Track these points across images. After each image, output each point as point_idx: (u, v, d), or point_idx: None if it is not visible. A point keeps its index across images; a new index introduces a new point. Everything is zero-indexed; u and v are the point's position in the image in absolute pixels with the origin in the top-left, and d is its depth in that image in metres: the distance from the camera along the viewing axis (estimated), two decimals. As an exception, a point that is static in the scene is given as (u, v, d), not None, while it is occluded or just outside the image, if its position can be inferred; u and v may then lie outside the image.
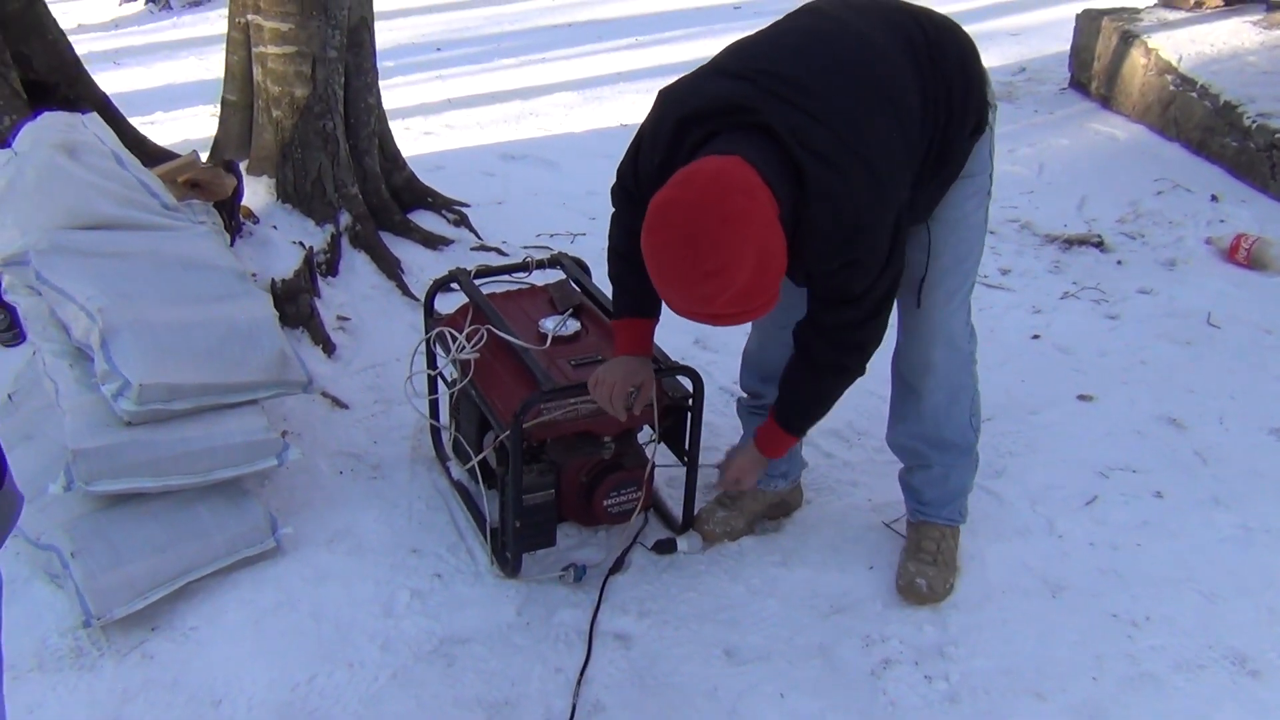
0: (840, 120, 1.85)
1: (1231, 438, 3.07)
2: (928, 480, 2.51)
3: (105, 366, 2.31)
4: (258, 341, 2.54)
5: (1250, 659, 2.31)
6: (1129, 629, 2.39)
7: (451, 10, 8.15)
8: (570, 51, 6.93)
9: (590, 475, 2.47)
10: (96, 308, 2.35)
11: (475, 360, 2.48)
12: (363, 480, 2.77)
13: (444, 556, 2.53)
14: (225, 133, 3.79)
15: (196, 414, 2.41)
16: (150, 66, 6.63)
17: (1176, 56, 5.30)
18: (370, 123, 3.78)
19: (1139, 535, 2.68)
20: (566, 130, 5.49)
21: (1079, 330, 3.64)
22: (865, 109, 1.89)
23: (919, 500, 2.54)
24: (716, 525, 2.62)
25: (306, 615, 2.35)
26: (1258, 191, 4.63)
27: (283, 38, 3.42)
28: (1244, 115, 4.76)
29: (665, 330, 2.36)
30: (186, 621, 2.32)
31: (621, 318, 2.30)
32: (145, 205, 2.68)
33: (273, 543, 2.47)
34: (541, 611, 2.39)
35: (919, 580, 2.43)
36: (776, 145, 1.81)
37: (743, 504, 2.65)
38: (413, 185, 4.13)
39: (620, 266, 2.24)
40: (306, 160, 3.53)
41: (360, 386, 3.15)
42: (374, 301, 3.55)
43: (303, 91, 3.48)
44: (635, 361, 2.28)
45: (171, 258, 2.59)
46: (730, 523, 2.63)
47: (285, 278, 3.14)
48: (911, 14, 2.07)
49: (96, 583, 2.24)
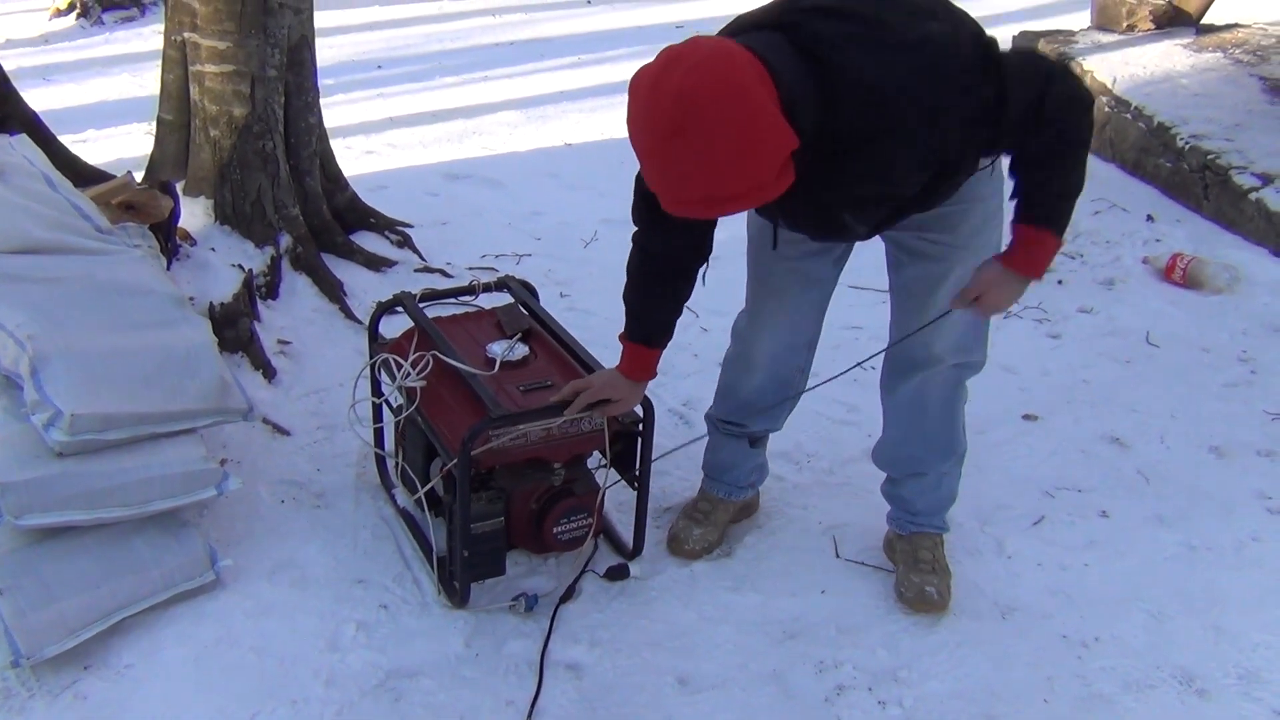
0: (876, 23, 1.77)
1: (1173, 456, 3.12)
2: (920, 489, 2.52)
3: (35, 396, 2.22)
4: (195, 369, 2.47)
5: (1197, 678, 2.34)
6: (1079, 650, 2.40)
7: (393, 28, 8.07)
8: (513, 70, 6.89)
9: (540, 502, 2.43)
10: (26, 335, 2.27)
11: (421, 387, 2.43)
12: (305, 509, 2.71)
13: (390, 587, 2.47)
14: (161, 153, 3.70)
15: (132, 444, 2.33)
16: (82, 83, 6.47)
17: (1111, 79, 5.41)
18: (311, 143, 3.72)
19: (1086, 555, 2.70)
20: (511, 149, 5.46)
21: (1022, 350, 3.68)
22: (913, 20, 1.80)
23: (910, 511, 2.54)
24: (695, 544, 2.61)
25: (248, 650, 2.28)
26: (1191, 211, 4.73)
27: (221, 56, 3.35)
28: (1177, 137, 4.87)
29: (611, 353, 2.35)
30: (122, 659, 2.24)
31: (631, 340, 2.29)
32: (77, 229, 2.60)
33: (212, 575, 2.40)
34: (491, 642, 2.34)
35: (929, 589, 2.45)
36: (791, 45, 1.74)
37: (715, 517, 2.64)
38: (355, 206, 4.07)
39: (637, 288, 2.24)
40: (245, 181, 3.46)
41: (302, 412, 3.08)
42: (316, 325, 3.48)
43: (241, 111, 3.41)
44: (626, 385, 2.30)
45: (105, 283, 2.51)
46: (707, 538, 2.62)
47: (224, 301, 3.07)
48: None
49: (26, 621, 2.15)
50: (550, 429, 2.34)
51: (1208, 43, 5.92)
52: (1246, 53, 5.76)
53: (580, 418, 2.33)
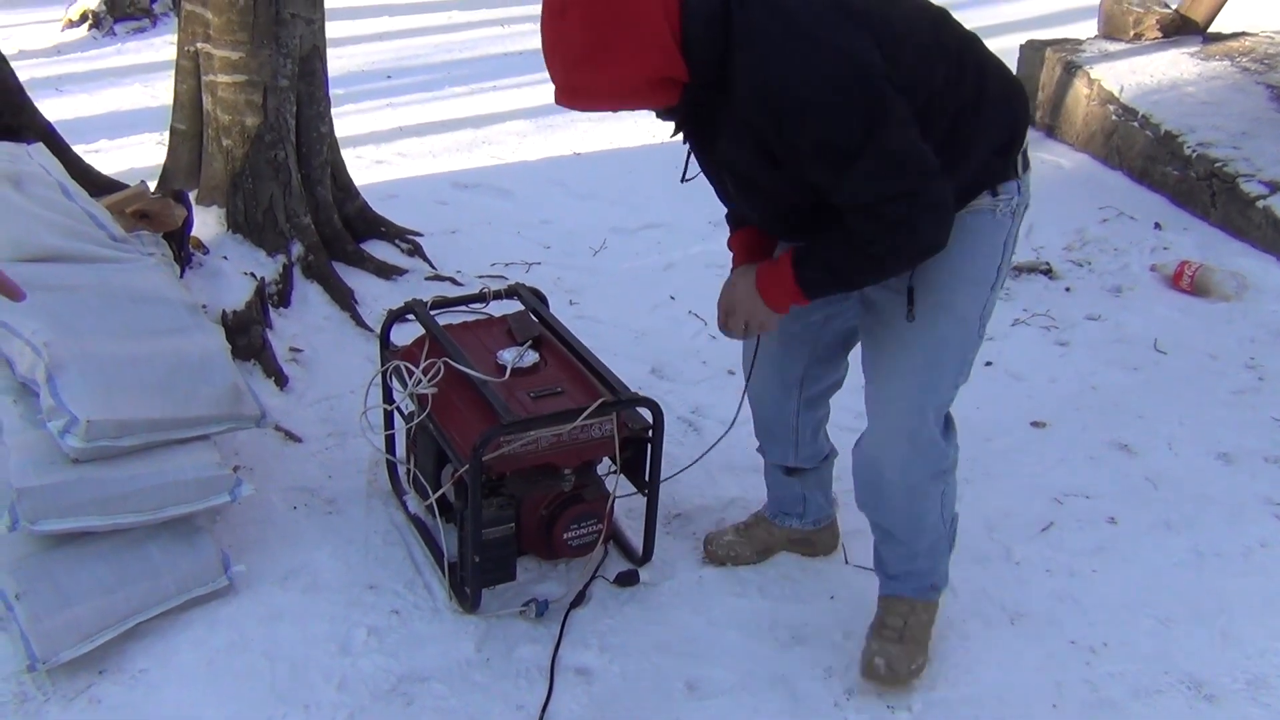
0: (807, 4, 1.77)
1: (1181, 462, 3.13)
2: (893, 553, 2.30)
3: (51, 402, 2.25)
4: (209, 375, 2.49)
5: (1206, 684, 2.34)
6: (1087, 655, 2.41)
7: (401, 38, 8.11)
8: (521, 80, 6.92)
9: (550, 508, 2.44)
10: (42, 342, 2.30)
11: (433, 394, 2.45)
12: (317, 515, 2.73)
13: (401, 593, 2.49)
14: (174, 162, 3.73)
15: (146, 450, 2.36)
16: (94, 93, 6.51)
17: (1118, 87, 5.42)
18: (323, 151, 3.75)
19: (1094, 561, 2.71)
20: (520, 159, 5.48)
21: (1030, 357, 3.69)
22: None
23: (885, 570, 2.33)
24: (721, 549, 2.60)
25: (260, 655, 2.30)
26: (1198, 219, 4.74)
27: (233, 66, 3.38)
28: (1184, 145, 4.87)
29: (621, 360, 2.37)
30: (136, 664, 2.26)
31: (734, 232, 2.21)
32: (92, 237, 2.63)
33: (225, 581, 2.42)
34: (501, 647, 2.36)
35: (878, 660, 2.23)
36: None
37: (754, 532, 2.62)
38: (365, 215, 4.10)
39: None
40: (258, 190, 3.49)
41: (314, 419, 3.10)
42: (327, 333, 3.50)
43: (254, 120, 3.44)
44: (748, 287, 2.08)
45: (120, 290, 2.54)
46: (736, 549, 2.60)
47: (236, 309, 3.09)
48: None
49: (42, 625, 2.17)
50: (560, 435, 2.35)
51: (1215, 51, 5.92)
52: (1253, 61, 5.76)
53: (591, 424, 2.34)
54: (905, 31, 1.84)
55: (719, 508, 2.82)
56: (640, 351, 3.59)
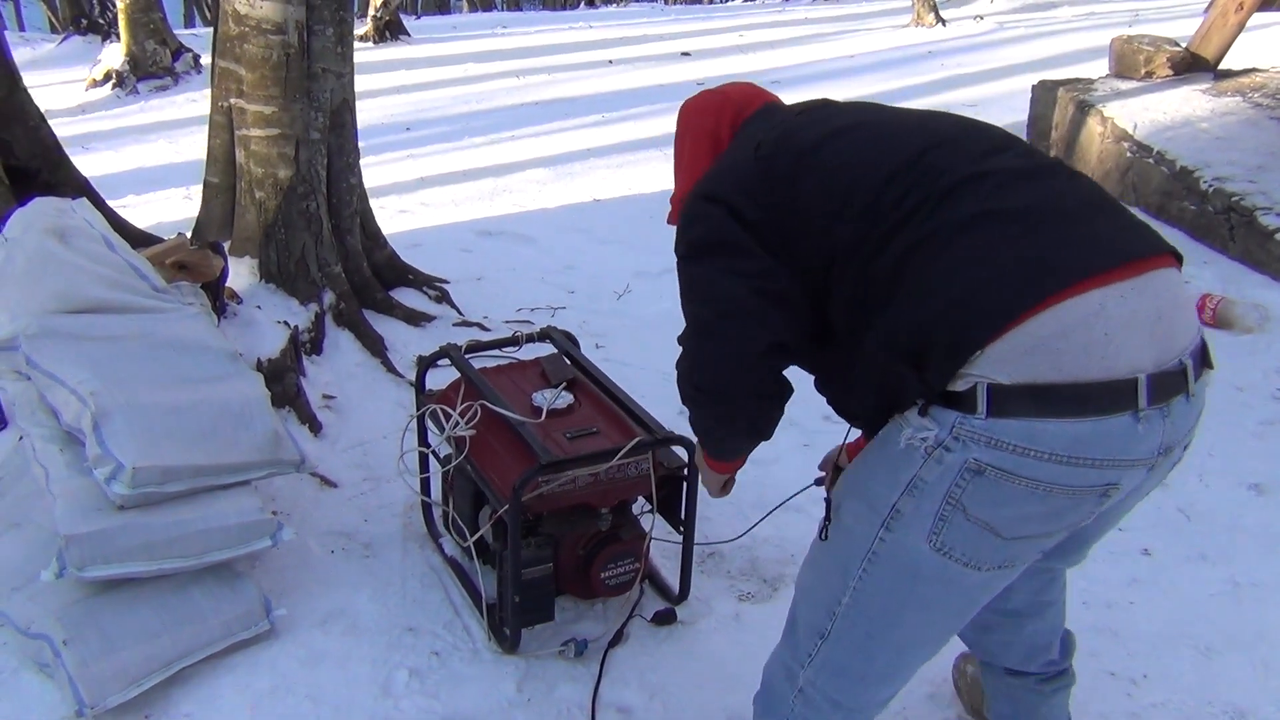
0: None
1: (1212, 494, 3.13)
2: None
3: (98, 450, 2.28)
4: (250, 422, 2.53)
5: (1249, 713, 2.33)
6: (1129, 687, 2.40)
7: (420, 90, 8.25)
8: (539, 129, 7.03)
9: (588, 548, 2.46)
10: (89, 391, 2.34)
11: (470, 436, 2.48)
12: (355, 559, 2.75)
13: (440, 634, 2.51)
14: (207, 214, 3.80)
15: (190, 496, 2.39)
16: (120, 150, 6.64)
17: (1132, 124, 5.48)
18: (352, 202, 3.82)
19: (1130, 593, 2.70)
20: (540, 206, 5.56)
21: (1056, 392, 3.70)
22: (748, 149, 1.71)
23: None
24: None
25: (304, 698, 2.31)
26: (1217, 253, 4.76)
27: (266, 120, 3.45)
28: (1200, 180, 4.91)
29: (650, 402, 2.40)
30: (181, 708, 2.28)
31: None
32: (135, 288, 2.68)
33: (267, 625, 2.44)
34: (542, 687, 2.37)
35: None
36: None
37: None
38: (393, 263, 4.16)
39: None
40: (290, 240, 3.55)
41: (348, 464, 3.14)
42: (359, 379, 3.55)
43: (286, 173, 3.51)
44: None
45: (162, 340, 2.58)
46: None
47: (271, 357, 3.14)
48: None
49: (89, 671, 2.20)
50: (597, 474, 2.38)
51: (1226, 87, 5.98)
52: (1265, 96, 5.81)
53: (627, 463, 2.37)
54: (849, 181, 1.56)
55: (752, 545, 2.83)
56: (668, 394, 3.54)
